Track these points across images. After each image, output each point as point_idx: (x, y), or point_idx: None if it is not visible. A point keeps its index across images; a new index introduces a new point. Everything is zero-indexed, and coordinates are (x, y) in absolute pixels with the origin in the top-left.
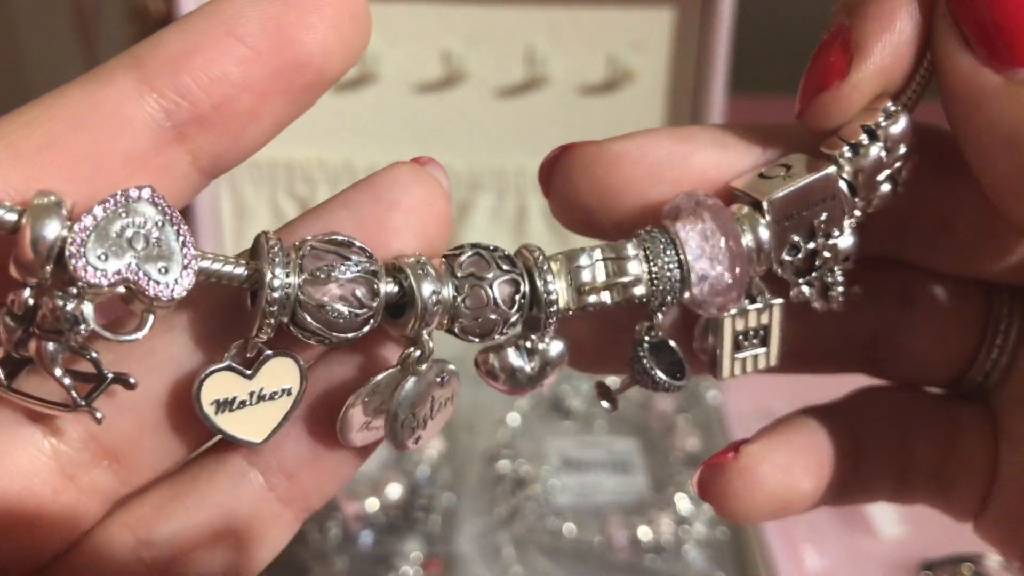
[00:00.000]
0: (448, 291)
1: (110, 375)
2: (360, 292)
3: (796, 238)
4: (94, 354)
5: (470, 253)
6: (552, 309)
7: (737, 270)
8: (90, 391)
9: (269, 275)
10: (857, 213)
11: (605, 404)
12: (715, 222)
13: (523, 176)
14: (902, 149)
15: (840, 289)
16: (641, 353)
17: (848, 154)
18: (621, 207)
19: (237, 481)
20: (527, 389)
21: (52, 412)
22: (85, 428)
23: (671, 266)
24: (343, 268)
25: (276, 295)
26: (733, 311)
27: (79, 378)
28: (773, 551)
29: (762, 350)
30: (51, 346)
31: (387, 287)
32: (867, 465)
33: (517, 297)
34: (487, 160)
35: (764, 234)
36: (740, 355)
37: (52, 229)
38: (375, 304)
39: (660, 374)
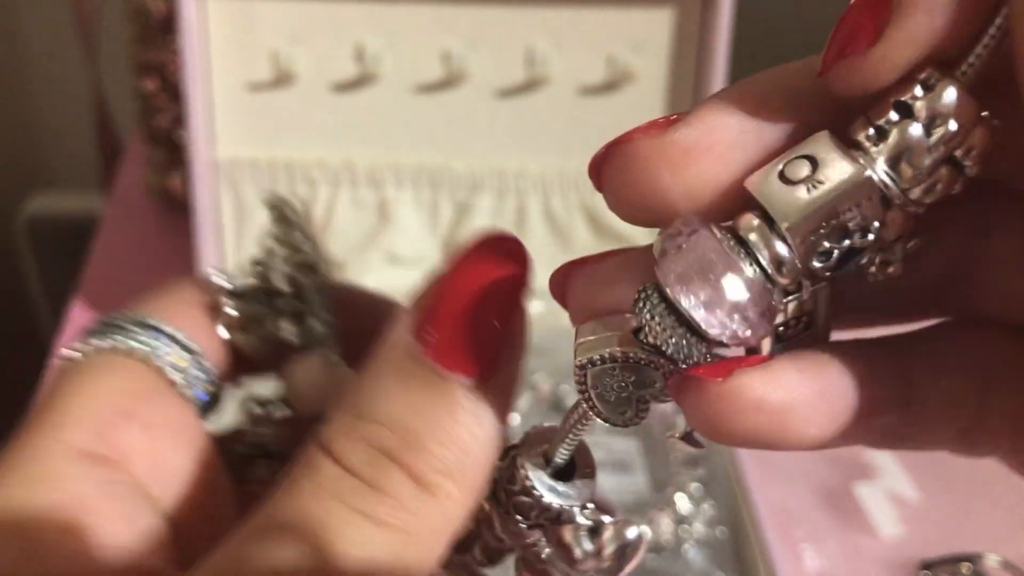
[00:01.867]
0: None
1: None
2: None
3: (827, 244)
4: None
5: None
6: (532, 514)
7: (749, 314)
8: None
9: None
10: (915, 197)
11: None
12: (703, 271)
13: (523, 177)
14: (952, 125)
15: (894, 266)
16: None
17: (873, 135)
18: (692, 202)
19: None
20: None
21: None
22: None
23: (677, 335)
24: None
25: None
26: None
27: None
28: (772, 550)
29: (807, 334)
30: None
31: None
32: (922, 413)
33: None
34: (487, 160)
35: (782, 249)
36: (781, 345)
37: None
38: None
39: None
